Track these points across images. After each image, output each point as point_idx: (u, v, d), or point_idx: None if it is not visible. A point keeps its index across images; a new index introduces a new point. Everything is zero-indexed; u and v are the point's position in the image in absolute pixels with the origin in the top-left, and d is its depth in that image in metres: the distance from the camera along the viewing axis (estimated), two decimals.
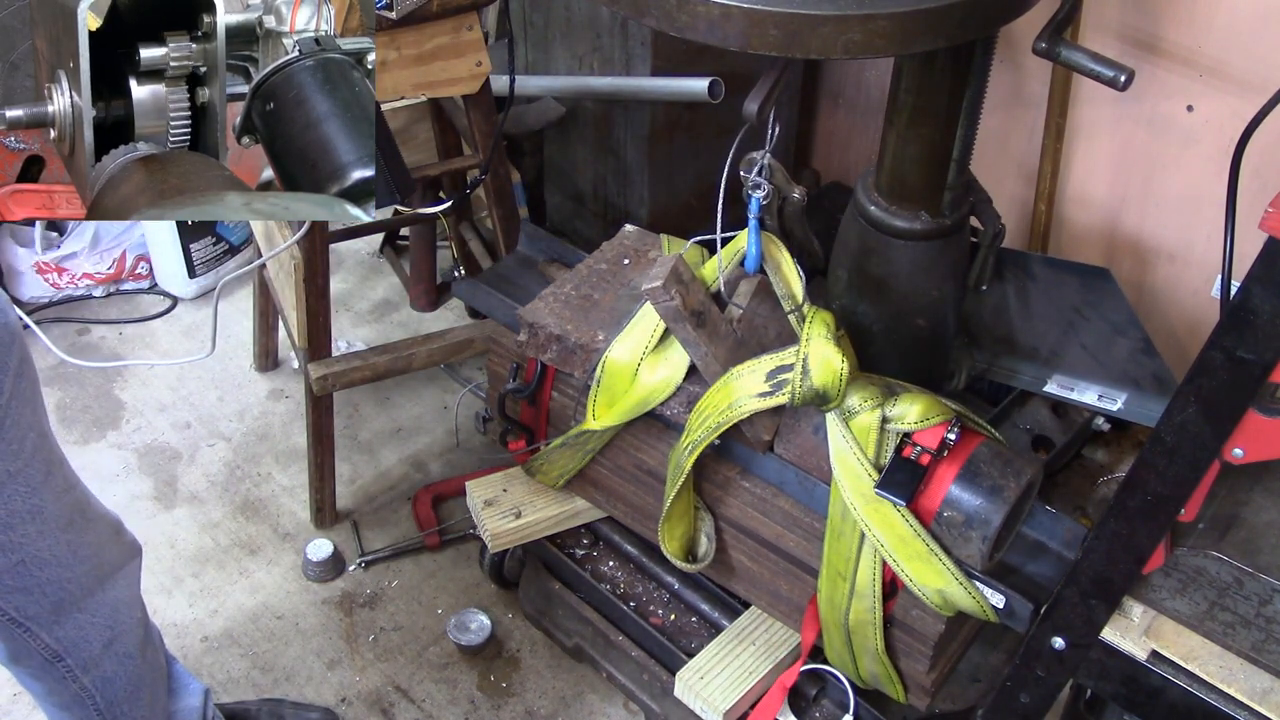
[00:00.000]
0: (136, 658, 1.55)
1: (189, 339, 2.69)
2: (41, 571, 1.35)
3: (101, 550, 1.45)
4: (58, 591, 1.38)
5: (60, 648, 1.43)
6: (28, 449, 1.27)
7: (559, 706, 1.98)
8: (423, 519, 2.25)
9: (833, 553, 1.51)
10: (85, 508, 1.43)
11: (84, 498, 1.44)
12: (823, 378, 1.43)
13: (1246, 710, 1.17)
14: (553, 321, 1.70)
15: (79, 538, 1.39)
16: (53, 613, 1.40)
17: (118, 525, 1.52)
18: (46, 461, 1.32)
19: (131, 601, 1.54)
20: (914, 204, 1.61)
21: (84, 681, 1.48)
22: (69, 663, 1.44)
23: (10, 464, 1.25)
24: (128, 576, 1.52)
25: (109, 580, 1.47)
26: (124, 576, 1.51)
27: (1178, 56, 1.90)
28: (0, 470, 1.24)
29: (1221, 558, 1.20)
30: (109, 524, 1.50)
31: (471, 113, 1.98)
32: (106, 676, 1.50)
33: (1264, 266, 0.96)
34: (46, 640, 1.41)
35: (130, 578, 1.53)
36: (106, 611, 1.47)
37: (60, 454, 1.38)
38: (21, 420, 1.25)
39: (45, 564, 1.35)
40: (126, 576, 1.52)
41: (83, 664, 1.46)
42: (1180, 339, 2.11)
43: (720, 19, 1.24)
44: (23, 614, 1.37)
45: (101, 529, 1.47)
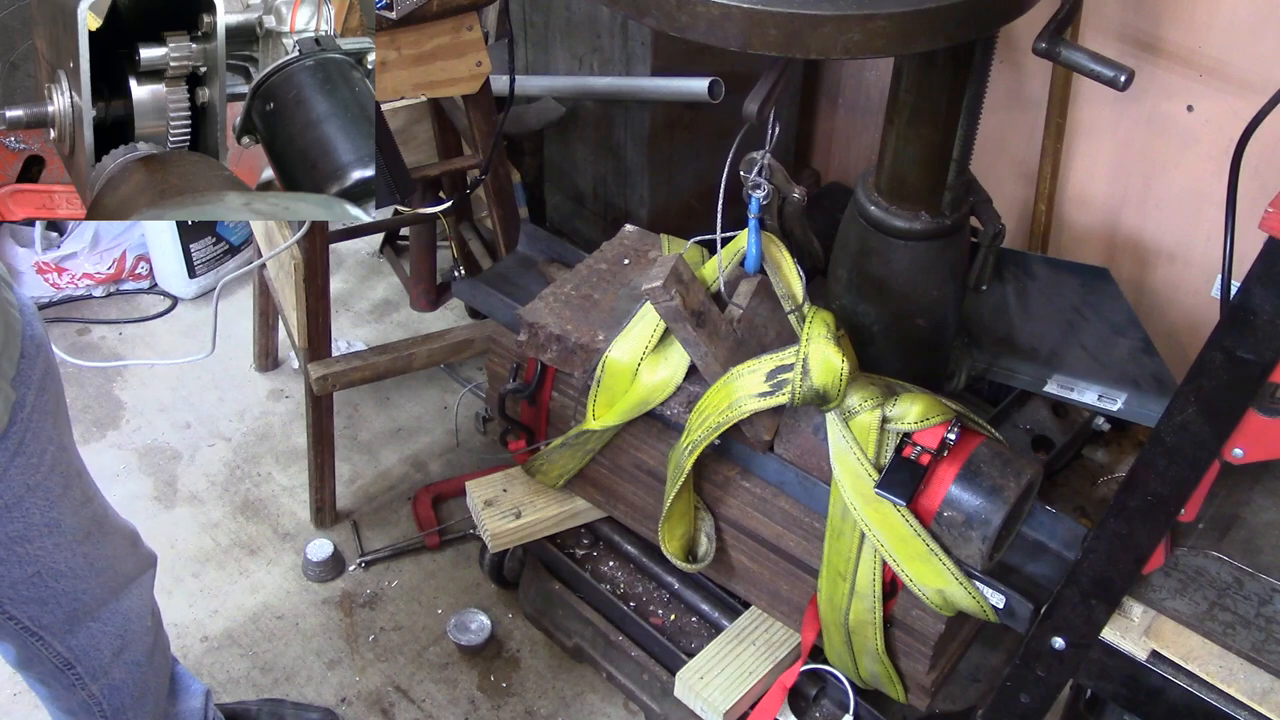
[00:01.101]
0: (145, 665, 1.55)
1: (189, 339, 2.69)
2: (57, 583, 1.34)
3: (117, 562, 1.45)
4: (72, 602, 1.38)
5: (71, 656, 1.43)
6: (47, 462, 1.26)
7: (559, 706, 1.98)
8: (423, 519, 2.25)
9: (833, 553, 1.51)
10: (103, 520, 1.42)
11: (102, 510, 1.43)
12: (823, 378, 1.43)
13: (1246, 710, 1.17)
14: (553, 321, 1.70)
15: (95, 550, 1.39)
16: (66, 622, 1.39)
17: (134, 536, 1.52)
18: (65, 475, 1.31)
19: (143, 610, 1.54)
20: (914, 204, 1.61)
21: (92, 689, 1.48)
22: (78, 670, 1.44)
23: (30, 478, 1.24)
24: (141, 586, 1.52)
25: (123, 590, 1.47)
26: (138, 586, 1.51)
27: (1178, 56, 1.89)
28: (19, 484, 1.23)
29: (1221, 558, 1.20)
30: (126, 535, 1.49)
31: (471, 113, 1.98)
32: (114, 684, 1.50)
33: (1264, 266, 0.96)
34: (58, 649, 1.41)
35: (144, 587, 1.53)
36: (119, 621, 1.47)
37: (80, 466, 1.38)
38: (42, 434, 1.25)
39: (61, 575, 1.34)
40: (140, 586, 1.52)
41: (92, 672, 1.46)
42: (1180, 339, 2.11)
43: (720, 19, 1.24)
44: (37, 623, 1.37)
45: (118, 541, 1.46)
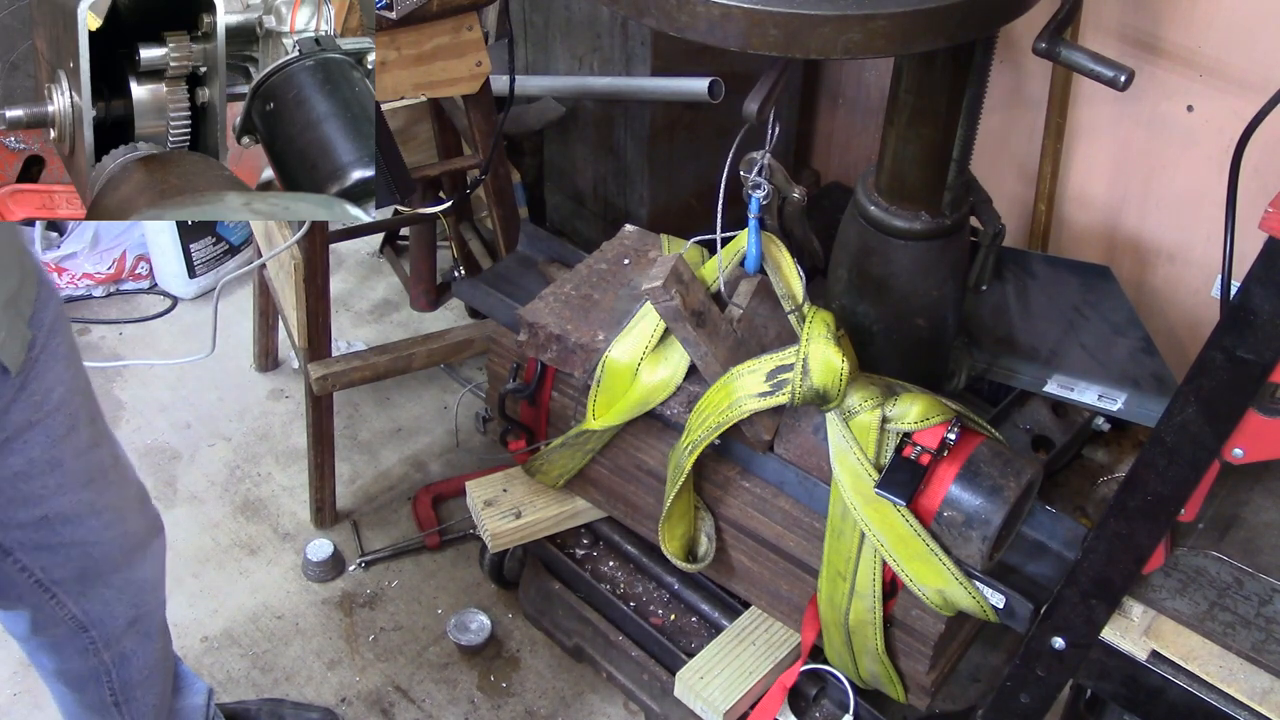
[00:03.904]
0: (156, 640, 1.57)
1: (189, 339, 2.69)
2: (65, 528, 1.37)
3: (125, 517, 1.46)
4: (82, 557, 1.40)
5: (86, 619, 1.45)
6: (52, 401, 1.29)
7: (559, 706, 1.98)
8: (423, 519, 2.25)
9: (833, 553, 1.51)
10: (109, 469, 1.44)
11: (111, 459, 1.45)
12: (823, 377, 1.43)
13: (1246, 710, 1.17)
14: (553, 321, 1.70)
15: (100, 497, 1.40)
16: (79, 581, 1.41)
17: (143, 495, 1.53)
18: (72, 417, 1.33)
19: (156, 582, 1.56)
20: (914, 204, 1.61)
21: (104, 656, 1.49)
22: (93, 635, 1.47)
23: (32, 414, 1.27)
24: (154, 558, 1.54)
25: (136, 557, 1.48)
26: (150, 557, 1.53)
27: (1178, 56, 1.89)
28: (21, 419, 1.26)
29: (1221, 558, 1.20)
30: (134, 491, 1.50)
31: (471, 113, 1.98)
32: (125, 654, 1.52)
33: (1264, 266, 0.96)
34: (73, 610, 1.43)
35: (156, 559, 1.55)
36: (132, 590, 1.49)
37: (94, 413, 1.40)
38: (49, 374, 1.28)
39: (67, 520, 1.36)
40: (153, 557, 1.53)
41: (105, 639, 1.48)
42: (1180, 339, 2.11)
43: (720, 19, 1.24)
44: (50, 577, 1.39)
45: (126, 493, 1.48)
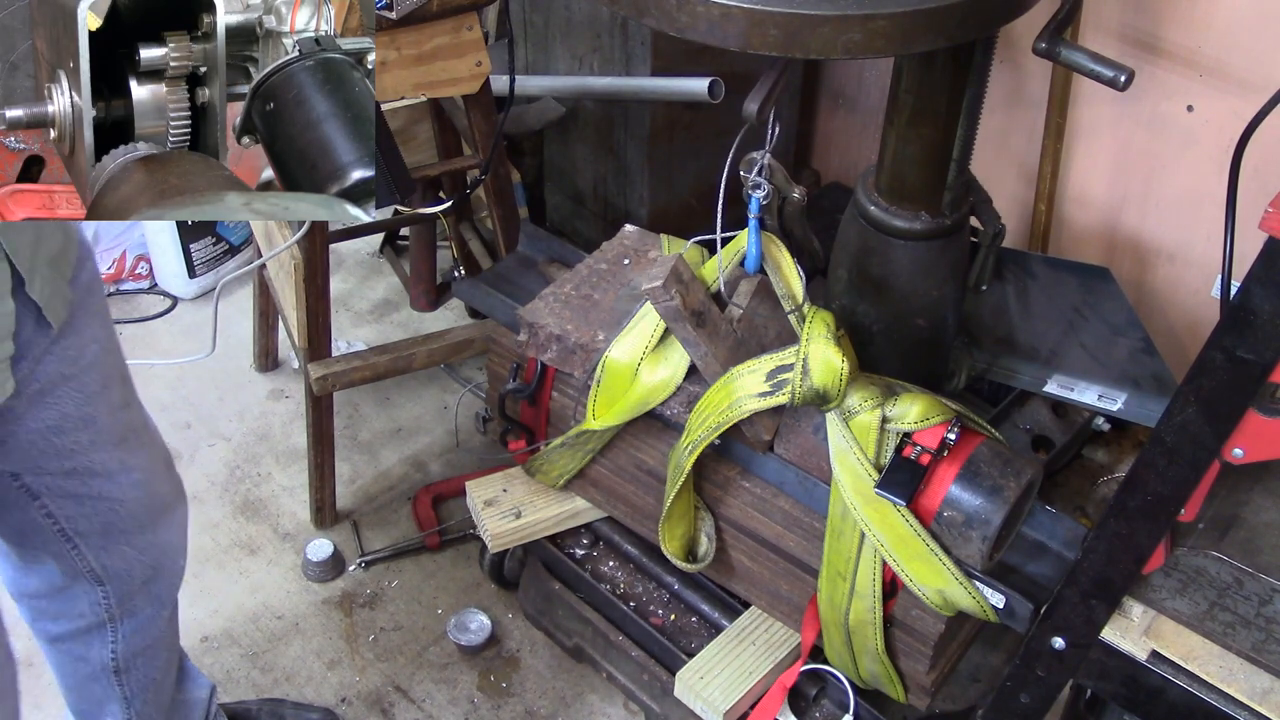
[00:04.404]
0: (165, 609, 1.59)
1: (189, 339, 2.69)
2: (94, 481, 1.38)
3: (153, 478, 1.48)
4: (109, 512, 1.42)
5: (105, 574, 1.47)
6: (87, 358, 1.31)
7: (559, 706, 1.98)
8: (423, 519, 2.25)
9: (833, 553, 1.51)
10: (140, 431, 1.46)
11: (140, 421, 1.47)
12: (823, 378, 1.43)
13: (1246, 710, 1.17)
14: (553, 321, 1.70)
15: (131, 457, 1.42)
16: (102, 535, 1.43)
17: (169, 459, 1.55)
18: (105, 375, 1.36)
19: (178, 549, 1.57)
20: (914, 204, 1.61)
21: (115, 612, 1.51)
22: (109, 589, 1.49)
23: (67, 369, 1.29)
24: (177, 523, 1.55)
25: (160, 519, 1.50)
26: (174, 522, 1.54)
27: (1178, 56, 1.89)
28: (55, 373, 1.28)
29: (1221, 558, 1.20)
30: (162, 454, 1.53)
31: (471, 113, 1.98)
32: (134, 611, 1.53)
33: (1264, 266, 0.96)
34: (93, 563, 1.45)
35: (179, 525, 1.56)
36: (154, 551, 1.51)
37: (124, 374, 1.42)
38: (84, 331, 1.30)
39: (96, 475, 1.38)
40: (176, 523, 1.55)
41: (119, 595, 1.50)
42: (1180, 339, 2.11)
43: (720, 19, 1.24)
44: (74, 528, 1.40)
45: (155, 455, 1.50)
